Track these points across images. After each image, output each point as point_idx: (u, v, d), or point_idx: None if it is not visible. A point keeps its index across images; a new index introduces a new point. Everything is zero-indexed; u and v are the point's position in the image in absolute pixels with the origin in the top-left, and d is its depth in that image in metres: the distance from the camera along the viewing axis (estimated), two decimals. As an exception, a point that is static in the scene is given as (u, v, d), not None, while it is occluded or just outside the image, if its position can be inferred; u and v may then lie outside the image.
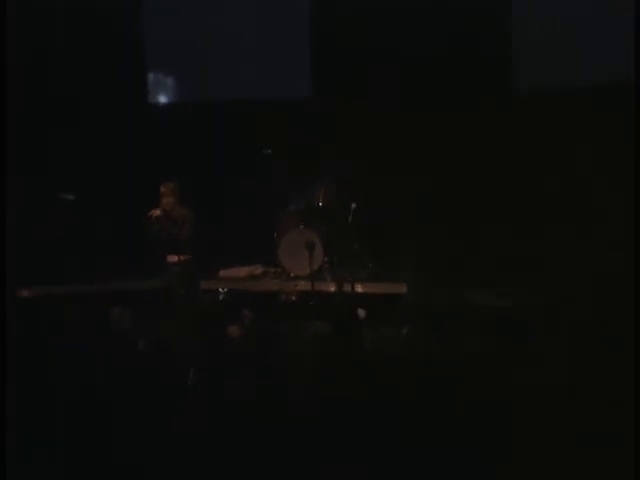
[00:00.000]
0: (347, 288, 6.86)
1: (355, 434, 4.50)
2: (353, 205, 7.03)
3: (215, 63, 7.95)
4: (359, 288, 6.72)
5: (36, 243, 7.73)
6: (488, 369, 5.26)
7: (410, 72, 7.81)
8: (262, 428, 4.63)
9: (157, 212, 6.38)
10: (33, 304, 7.10)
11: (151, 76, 8.20)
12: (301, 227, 6.79)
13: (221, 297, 6.86)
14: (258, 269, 7.11)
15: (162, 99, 8.46)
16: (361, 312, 6.44)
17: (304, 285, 6.81)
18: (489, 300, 6.63)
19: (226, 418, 4.86)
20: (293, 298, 6.89)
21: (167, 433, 4.64)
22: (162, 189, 6.31)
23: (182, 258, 6.47)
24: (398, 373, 5.29)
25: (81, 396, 5.03)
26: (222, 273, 7.06)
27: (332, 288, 6.83)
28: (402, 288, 6.66)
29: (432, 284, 6.87)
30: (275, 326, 6.37)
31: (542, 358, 5.42)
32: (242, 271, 7.10)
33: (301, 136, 7.62)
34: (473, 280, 6.95)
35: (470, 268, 7.12)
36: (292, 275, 6.91)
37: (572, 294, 6.53)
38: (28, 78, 8.08)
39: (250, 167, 7.52)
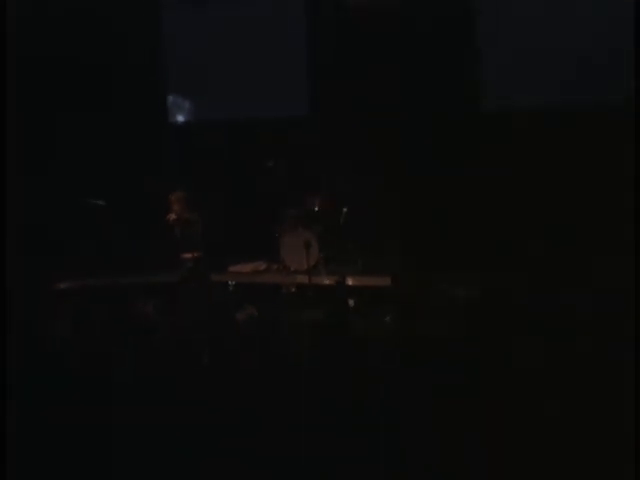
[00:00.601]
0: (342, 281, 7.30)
1: (342, 398, 5.09)
2: (345, 210, 7.58)
3: (225, 86, 8.23)
4: (350, 281, 7.25)
5: (74, 244, 8.15)
6: (455, 347, 5.76)
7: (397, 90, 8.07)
8: (266, 394, 5.21)
9: (172, 216, 7.01)
10: (71, 295, 7.56)
11: (169, 97, 8.52)
12: (300, 229, 7.38)
13: (230, 289, 7.21)
14: (262, 265, 7.75)
15: (177, 118, 8.69)
16: (351, 301, 6.98)
17: (302, 278, 7.32)
18: (460, 291, 7.03)
19: (235, 387, 5.40)
20: (293, 290, 7.40)
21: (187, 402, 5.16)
22: (171, 198, 6.98)
23: (195, 255, 6.96)
24: (383, 351, 5.96)
25: (111, 375, 5.58)
26: (231, 268, 7.70)
27: (326, 281, 7.33)
28: (386, 281, 7.14)
29: (413, 278, 7.28)
30: (277, 313, 6.98)
31: (510, 344, 5.83)
32: (248, 267, 7.74)
33: (302, 151, 8.07)
34: (446, 275, 7.24)
35: (442, 266, 7.39)
36: (292, 270, 7.40)
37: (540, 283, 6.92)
38: (53, 92, 8.40)
39: (257, 178, 7.95)
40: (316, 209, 7.59)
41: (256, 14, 8.25)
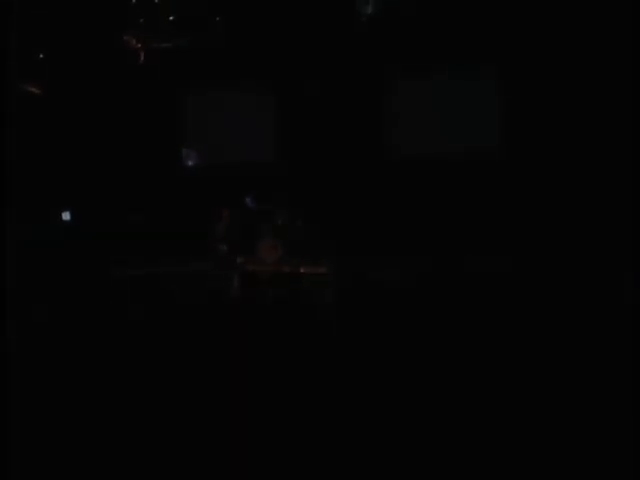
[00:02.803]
0: (297, 269, 8.83)
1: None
2: (299, 223, 9.40)
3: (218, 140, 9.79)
4: (302, 269, 8.89)
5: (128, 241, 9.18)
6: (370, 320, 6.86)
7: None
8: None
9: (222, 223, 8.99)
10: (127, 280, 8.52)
11: (181, 147, 9.89)
12: (270, 236, 9.30)
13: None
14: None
15: (188, 163, 10.12)
16: (305, 283, 8.70)
17: (271, 267, 9.01)
18: (381, 276, 8.40)
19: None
20: (265, 275, 8.99)
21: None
22: (224, 213, 8.95)
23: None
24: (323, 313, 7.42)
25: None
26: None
27: (287, 269, 8.94)
28: (325, 269, 8.80)
29: (345, 268, 8.75)
30: (254, 290, 8.61)
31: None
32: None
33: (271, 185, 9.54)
34: (372, 264, 8.64)
35: (367, 259, 8.77)
36: (266, 262, 9.10)
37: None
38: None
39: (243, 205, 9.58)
40: (280, 222, 9.49)
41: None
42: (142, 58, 9.24)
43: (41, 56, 9.15)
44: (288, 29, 9.44)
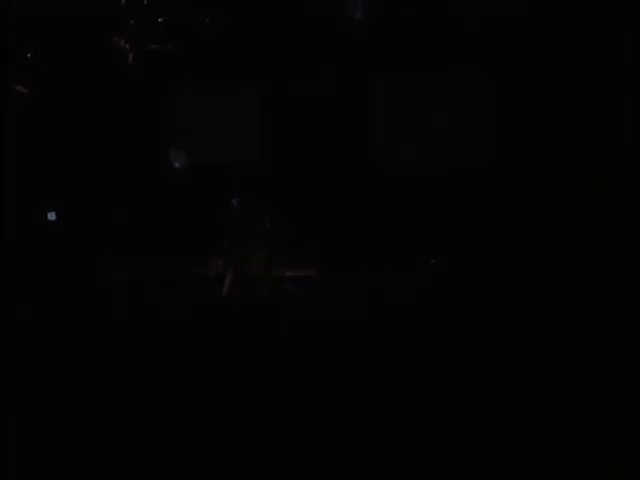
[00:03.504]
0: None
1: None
2: (285, 225, 9.42)
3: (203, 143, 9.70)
4: (288, 273, 9.03)
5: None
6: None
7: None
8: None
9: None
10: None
11: (166, 150, 9.71)
12: (263, 250, 9.28)
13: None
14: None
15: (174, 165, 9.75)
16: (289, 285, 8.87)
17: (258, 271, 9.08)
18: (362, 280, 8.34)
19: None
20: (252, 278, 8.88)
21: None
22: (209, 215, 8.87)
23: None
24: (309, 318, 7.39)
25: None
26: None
27: (273, 273, 8.98)
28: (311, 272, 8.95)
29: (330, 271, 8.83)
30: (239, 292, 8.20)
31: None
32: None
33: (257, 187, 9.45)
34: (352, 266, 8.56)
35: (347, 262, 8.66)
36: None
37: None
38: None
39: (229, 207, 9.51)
40: (266, 226, 9.56)
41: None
42: (131, 59, 9.23)
43: (28, 55, 9.12)
44: (275, 29, 9.54)
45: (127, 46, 9.37)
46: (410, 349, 6.06)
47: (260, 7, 9.50)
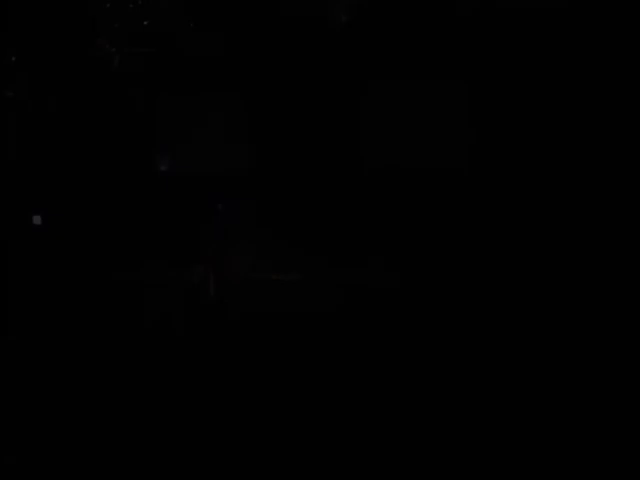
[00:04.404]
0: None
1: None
2: (270, 228, 9.38)
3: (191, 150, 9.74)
4: (273, 277, 9.16)
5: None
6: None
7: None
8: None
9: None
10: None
11: (157, 154, 9.68)
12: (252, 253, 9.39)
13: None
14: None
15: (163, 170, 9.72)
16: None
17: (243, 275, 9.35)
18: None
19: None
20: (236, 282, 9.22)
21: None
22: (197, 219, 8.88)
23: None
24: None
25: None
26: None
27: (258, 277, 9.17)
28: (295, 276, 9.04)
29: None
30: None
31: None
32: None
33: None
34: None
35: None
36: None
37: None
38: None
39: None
40: (252, 228, 9.58)
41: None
42: (116, 63, 9.24)
43: (13, 59, 9.12)
44: (262, 34, 9.56)
45: (113, 49, 9.31)
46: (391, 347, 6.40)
47: (246, 10, 9.58)
